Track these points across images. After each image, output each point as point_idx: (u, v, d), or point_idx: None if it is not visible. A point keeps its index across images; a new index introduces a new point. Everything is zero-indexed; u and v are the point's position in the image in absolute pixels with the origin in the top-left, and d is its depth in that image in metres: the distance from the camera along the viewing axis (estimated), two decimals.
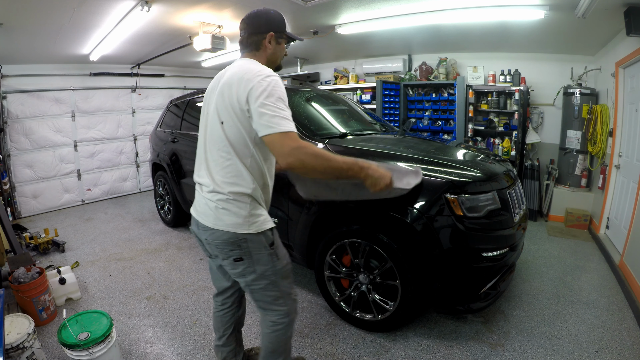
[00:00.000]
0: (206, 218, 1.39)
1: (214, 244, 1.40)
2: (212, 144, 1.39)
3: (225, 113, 1.32)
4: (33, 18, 3.26)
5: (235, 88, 1.28)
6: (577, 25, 3.29)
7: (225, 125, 1.32)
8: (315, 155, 1.23)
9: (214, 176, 1.37)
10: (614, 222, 3.62)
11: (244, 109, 1.27)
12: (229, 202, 1.33)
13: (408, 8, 3.48)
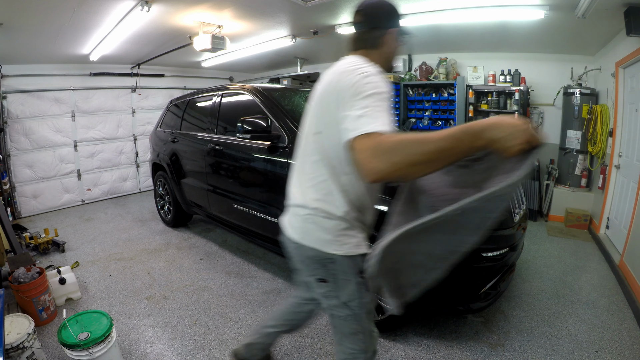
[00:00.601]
0: (293, 231, 1.27)
1: (299, 258, 1.29)
2: (306, 155, 1.23)
3: (323, 122, 1.14)
4: (33, 18, 3.26)
5: (331, 92, 1.08)
6: (577, 25, 3.29)
7: (323, 136, 1.14)
8: (400, 143, 0.85)
9: (304, 189, 1.22)
10: (614, 222, 3.62)
11: (338, 114, 1.03)
12: (317, 217, 1.18)
13: (408, 8, 3.48)
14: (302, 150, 1.27)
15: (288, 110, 2.81)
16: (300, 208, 1.23)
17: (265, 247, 2.95)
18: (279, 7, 3.52)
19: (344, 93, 1.02)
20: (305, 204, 1.21)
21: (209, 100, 3.59)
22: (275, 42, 4.76)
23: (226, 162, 3.19)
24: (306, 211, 1.20)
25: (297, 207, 1.25)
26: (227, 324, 2.44)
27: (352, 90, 1.00)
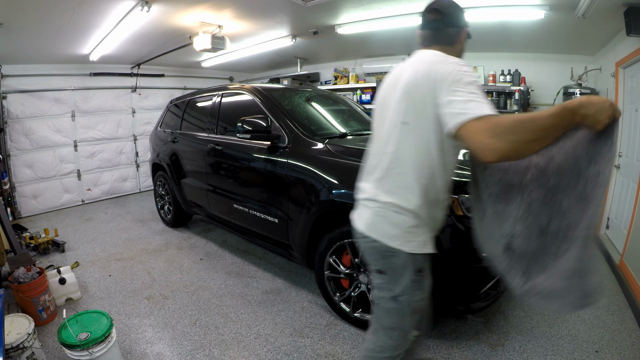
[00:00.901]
0: (361, 222, 1.30)
1: (364, 249, 1.32)
2: (383, 147, 1.21)
3: (412, 112, 1.12)
4: (33, 18, 3.26)
5: (424, 82, 1.08)
6: (577, 25, 3.29)
7: (410, 127, 1.13)
8: (518, 122, 0.91)
9: (377, 182, 1.23)
10: (614, 222, 3.61)
11: (435, 102, 1.05)
12: (388, 210, 1.20)
13: (408, 8, 3.48)
14: (378, 143, 1.27)
15: (288, 110, 2.81)
16: (371, 201, 1.25)
17: (265, 247, 2.95)
18: (279, 7, 3.52)
19: (442, 81, 1.03)
20: (377, 197, 1.22)
21: (209, 100, 3.59)
22: (275, 42, 4.76)
23: (226, 162, 3.19)
24: (377, 204, 1.22)
25: (367, 201, 1.27)
26: (227, 324, 2.44)
27: (451, 78, 1.02)
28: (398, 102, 1.17)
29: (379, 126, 1.28)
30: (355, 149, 2.31)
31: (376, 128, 1.31)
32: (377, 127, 1.29)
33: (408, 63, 1.21)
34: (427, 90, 1.07)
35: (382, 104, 1.28)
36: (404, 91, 1.15)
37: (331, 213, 2.31)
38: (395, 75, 1.26)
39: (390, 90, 1.24)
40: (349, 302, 2.34)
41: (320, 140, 2.47)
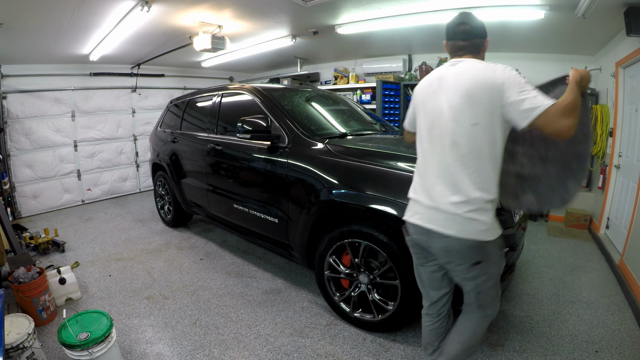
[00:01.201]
0: (447, 226, 1.34)
1: (454, 251, 1.37)
2: (454, 147, 1.32)
3: (481, 114, 1.28)
4: (33, 18, 3.26)
5: (488, 87, 1.27)
6: (577, 25, 3.29)
7: (480, 127, 1.28)
8: (568, 103, 1.19)
9: (457, 183, 1.32)
10: (614, 222, 3.62)
11: (502, 104, 1.25)
12: (476, 210, 1.30)
13: (408, 8, 3.48)
14: (440, 145, 1.37)
15: (288, 110, 2.81)
16: (458, 204, 1.32)
17: (265, 247, 2.95)
18: (279, 7, 3.52)
19: (507, 86, 1.24)
20: (464, 198, 1.31)
21: (209, 100, 3.59)
22: (275, 42, 4.76)
23: (226, 162, 3.19)
24: (467, 206, 1.31)
25: (452, 205, 1.32)
26: (227, 324, 2.44)
27: (513, 82, 1.24)
28: (462, 107, 1.31)
29: (433, 133, 1.39)
30: (355, 149, 2.31)
31: (429, 136, 1.42)
32: (431, 135, 1.40)
33: (453, 71, 1.38)
34: (493, 94, 1.26)
35: (432, 111, 1.41)
36: (468, 97, 1.30)
37: (331, 213, 2.31)
38: (438, 84, 1.41)
39: (435, 93, 1.41)
40: (349, 302, 2.34)
41: (320, 140, 2.47)
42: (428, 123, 1.43)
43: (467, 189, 1.31)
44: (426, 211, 1.41)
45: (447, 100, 1.34)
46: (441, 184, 1.36)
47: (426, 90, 1.48)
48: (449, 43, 1.50)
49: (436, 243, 1.40)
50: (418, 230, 1.46)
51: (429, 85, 1.47)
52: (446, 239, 1.36)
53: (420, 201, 1.44)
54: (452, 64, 1.43)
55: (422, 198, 1.43)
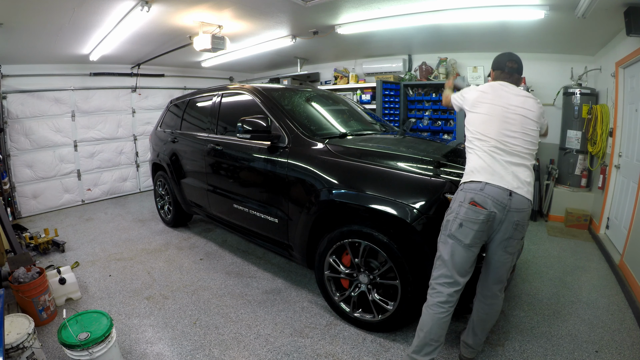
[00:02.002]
0: (528, 194, 1.69)
1: (524, 221, 1.70)
2: (526, 135, 1.75)
3: (536, 122, 1.78)
4: (33, 18, 3.26)
5: (539, 109, 1.81)
6: (577, 25, 3.29)
7: (537, 129, 1.79)
8: None
9: (527, 165, 1.74)
10: (614, 222, 3.62)
11: (542, 120, 1.83)
12: (533, 177, 1.79)
13: (408, 8, 3.48)
14: (519, 140, 1.74)
15: (288, 110, 2.81)
16: (530, 173, 1.76)
17: (265, 247, 2.95)
18: (279, 7, 3.52)
19: (543, 112, 1.85)
20: (531, 171, 1.78)
21: (209, 100, 3.59)
22: (275, 42, 4.76)
23: (226, 162, 3.19)
24: (532, 175, 1.79)
25: (529, 176, 1.74)
26: (227, 324, 2.44)
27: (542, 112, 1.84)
28: (533, 116, 1.77)
29: (510, 128, 1.74)
30: (355, 149, 2.31)
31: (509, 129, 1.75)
32: (510, 129, 1.74)
33: (516, 91, 1.84)
34: (541, 114, 1.82)
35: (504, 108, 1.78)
36: (537, 111, 1.79)
37: (331, 213, 2.31)
38: (503, 96, 1.82)
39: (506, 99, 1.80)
40: (349, 302, 2.34)
41: (320, 140, 2.47)
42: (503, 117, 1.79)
43: (530, 167, 1.80)
44: (517, 184, 1.69)
45: (521, 110, 1.77)
46: (524, 171, 1.76)
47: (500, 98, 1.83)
48: (499, 73, 1.95)
49: (514, 216, 1.66)
50: (500, 204, 1.64)
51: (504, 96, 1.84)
52: (523, 211, 1.67)
53: (513, 174, 1.72)
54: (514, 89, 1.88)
55: (513, 172, 1.72)
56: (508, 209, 1.64)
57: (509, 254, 1.73)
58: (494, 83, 1.91)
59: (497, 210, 1.64)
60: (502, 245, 1.70)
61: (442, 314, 1.71)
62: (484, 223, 1.65)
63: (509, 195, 1.64)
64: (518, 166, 1.71)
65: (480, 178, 1.69)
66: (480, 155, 1.74)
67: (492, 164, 1.70)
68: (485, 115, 1.82)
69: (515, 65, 1.92)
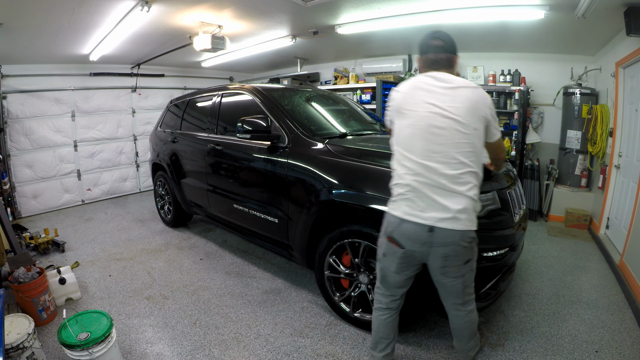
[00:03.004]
0: (458, 225, 1.43)
1: (457, 252, 1.47)
2: (461, 146, 1.42)
3: (478, 122, 1.45)
4: (33, 18, 3.26)
5: (482, 102, 1.46)
6: (577, 25, 3.29)
7: (479, 132, 1.45)
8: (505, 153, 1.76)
9: (463, 178, 1.43)
10: (614, 222, 3.62)
11: (488, 120, 1.48)
12: (474, 201, 1.46)
13: (408, 8, 3.48)
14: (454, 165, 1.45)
15: (288, 110, 2.81)
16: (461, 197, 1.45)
17: (265, 247, 2.95)
18: (279, 7, 3.52)
19: (491, 106, 1.49)
20: (466, 192, 1.44)
21: (209, 100, 3.59)
22: (275, 42, 4.76)
23: (226, 162, 3.19)
24: (466, 200, 1.45)
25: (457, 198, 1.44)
26: (227, 324, 2.44)
27: (492, 105, 1.51)
28: (465, 113, 1.42)
29: (436, 141, 1.44)
30: (355, 149, 2.31)
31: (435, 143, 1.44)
32: (436, 142, 1.44)
33: (444, 83, 1.47)
34: (485, 108, 1.46)
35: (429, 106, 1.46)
36: (470, 105, 1.43)
37: (331, 213, 2.31)
38: (424, 89, 1.49)
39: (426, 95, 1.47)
40: (349, 302, 2.34)
41: (320, 140, 2.47)
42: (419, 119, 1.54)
43: (467, 184, 1.51)
44: (429, 210, 1.47)
45: (454, 105, 1.44)
46: (441, 180, 1.51)
47: (418, 94, 1.53)
48: (425, 57, 1.58)
49: (439, 250, 1.47)
50: (420, 237, 1.47)
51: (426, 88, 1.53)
52: (449, 245, 1.46)
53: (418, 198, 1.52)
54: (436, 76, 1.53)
55: (422, 194, 1.51)
56: (430, 245, 1.47)
57: (452, 278, 1.55)
58: (415, 78, 1.55)
59: (415, 248, 1.50)
60: (438, 272, 1.55)
61: (384, 317, 1.77)
62: (404, 258, 1.56)
63: (430, 231, 1.44)
64: (447, 193, 1.41)
65: (398, 212, 1.51)
66: (400, 183, 1.51)
67: (412, 194, 1.47)
68: (406, 128, 1.50)
69: (440, 43, 1.53)
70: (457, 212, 1.42)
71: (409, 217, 1.48)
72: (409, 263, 1.59)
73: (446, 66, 1.54)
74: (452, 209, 1.41)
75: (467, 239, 1.47)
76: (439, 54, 1.53)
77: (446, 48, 1.53)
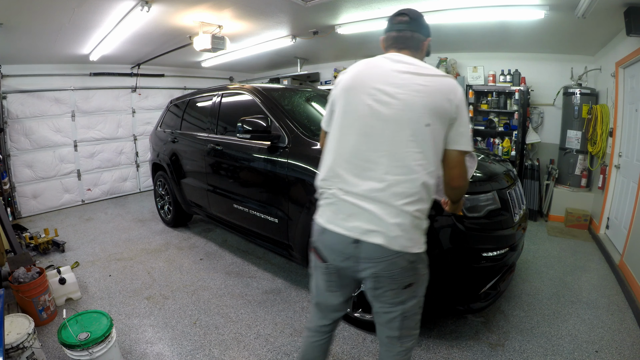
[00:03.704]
0: (391, 241, 1.13)
1: (391, 274, 1.16)
2: (401, 145, 1.13)
3: (434, 116, 1.12)
4: (33, 18, 3.26)
5: (445, 92, 1.14)
6: (577, 25, 3.29)
7: (431, 128, 1.12)
8: (467, 186, 1.29)
9: (399, 187, 1.13)
10: (614, 222, 3.62)
11: (452, 116, 1.15)
12: (415, 218, 1.15)
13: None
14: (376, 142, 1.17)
15: (288, 110, 2.81)
16: (397, 210, 1.15)
17: (265, 247, 2.95)
18: (279, 7, 3.52)
19: (463, 103, 1.19)
20: (405, 205, 1.14)
21: (209, 100, 3.59)
22: (275, 42, 4.76)
23: (226, 162, 3.19)
24: (405, 214, 1.14)
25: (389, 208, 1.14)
26: (227, 324, 2.44)
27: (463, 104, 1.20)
28: (418, 104, 1.13)
29: (375, 138, 1.17)
30: None
31: (355, 122, 1.20)
32: (374, 139, 1.17)
33: (402, 65, 1.20)
34: (448, 100, 1.14)
35: (370, 98, 1.18)
36: (427, 94, 1.13)
37: None
38: (374, 72, 1.22)
39: (368, 84, 1.19)
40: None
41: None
42: (358, 114, 1.27)
43: (406, 192, 1.20)
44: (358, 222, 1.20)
45: (402, 95, 1.17)
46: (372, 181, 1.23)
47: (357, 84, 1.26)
48: (386, 36, 1.31)
49: (369, 268, 1.19)
50: (340, 253, 1.22)
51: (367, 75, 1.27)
52: (383, 261, 1.17)
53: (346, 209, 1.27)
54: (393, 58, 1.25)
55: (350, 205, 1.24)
56: (356, 260, 1.18)
57: (388, 304, 1.24)
58: (368, 59, 1.28)
59: (339, 262, 1.23)
60: (370, 294, 1.27)
61: (312, 339, 1.48)
62: (330, 274, 1.31)
63: (355, 243, 1.16)
64: (378, 203, 1.13)
65: (322, 219, 1.26)
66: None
67: (337, 198, 1.21)
68: (340, 119, 1.25)
69: (405, 19, 1.27)
70: (390, 225, 1.12)
71: (330, 226, 1.22)
72: (339, 282, 1.31)
73: (411, 47, 1.27)
74: (385, 222, 1.13)
75: (409, 258, 1.16)
76: (404, 31, 1.26)
77: (412, 26, 1.26)
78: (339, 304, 1.40)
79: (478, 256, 1.99)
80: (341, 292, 1.36)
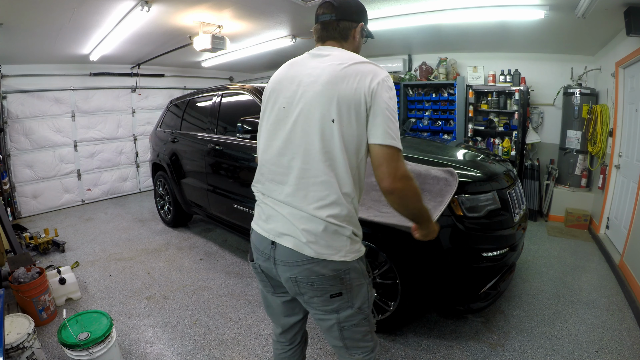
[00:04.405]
0: (302, 247, 1.08)
1: (309, 280, 1.10)
2: (309, 146, 1.06)
3: (338, 109, 1.02)
4: (33, 18, 3.26)
5: (354, 80, 1.02)
6: (577, 25, 3.29)
7: (337, 124, 1.02)
8: (415, 192, 1.07)
9: (309, 191, 1.07)
10: (614, 222, 3.62)
11: (367, 105, 1.02)
12: (331, 224, 1.07)
13: (408, 8, 3.48)
14: (291, 144, 1.11)
15: None
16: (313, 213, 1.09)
17: None
18: (279, 7, 3.52)
19: (382, 89, 1.03)
20: (318, 210, 1.08)
21: (209, 100, 3.59)
22: (275, 42, 4.76)
23: (226, 162, 3.19)
24: (319, 221, 1.08)
25: (306, 214, 1.08)
26: (227, 324, 2.44)
27: (390, 93, 1.06)
28: (312, 97, 1.05)
29: (283, 122, 1.12)
30: None
31: (275, 123, 1.15)
32: (278, 123, 1.13)
33: (313, 58, 1.14)
34: (357, 89, 1.02)
35: (281, 99, 1.14)
36: (327, 84, 1.04)
37: None
38: (295, 69, 1.16)
39: (288, 84, 1.14)
40: None
41: None
42: (277, 117, 1.20)
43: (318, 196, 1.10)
44: (274, 225, 1.18)
45: (311, 91, 1.10)
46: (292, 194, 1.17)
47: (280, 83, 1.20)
48: (314, 28, 1.22)
49: (285, 271, 1.15)
50: (262, 254, 1.22)
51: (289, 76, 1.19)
52: (297, 266, 1.12)
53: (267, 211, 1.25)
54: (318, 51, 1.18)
55: (270, 208, 1.22)
56: (274, 262, 1.16)
57: (320, 312, 1.18)
58: (294, 59, 1.21)
59: (261, 262, 1.23)
60: (301, 299, 1.21)
61: (279, 350, 1.48)
62: (259, 274, 1.33)
63: (272, 244, 1.15)
64: (290, 207, 1.10)
65: (253, 220, 1.28)
66: (256, 186, 1.28)
67: (260, 201, 1.23)
68: (263, 123, 1.22)
69: (327, 8, 1.16)
70: (300, 231, 1.07)
71: (254, 226, 1.24)
72: (270, 282, 1.32)
73: (336, 38, 1.17)
74: (295, 226, 1.08)
75: (331, 266, 1.09)
76: (328, 21, 1.15)
77: (338, 10, 1.14)
78: (285, 307, 1.37)
79: (478, 256, 1.99)
80: (275, 293, 1.36)
